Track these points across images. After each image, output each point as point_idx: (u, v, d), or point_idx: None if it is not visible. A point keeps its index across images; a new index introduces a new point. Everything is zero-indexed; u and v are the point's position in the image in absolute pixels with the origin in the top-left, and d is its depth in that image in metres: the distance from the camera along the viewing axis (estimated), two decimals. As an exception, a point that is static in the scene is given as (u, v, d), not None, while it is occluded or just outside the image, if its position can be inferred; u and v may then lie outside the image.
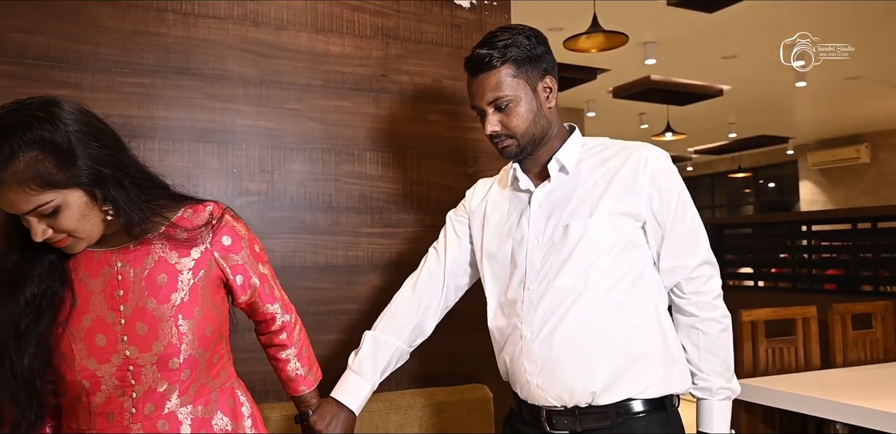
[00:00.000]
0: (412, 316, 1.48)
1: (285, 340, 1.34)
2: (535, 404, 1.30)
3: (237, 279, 1.23)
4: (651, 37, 5.66)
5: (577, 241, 1.27)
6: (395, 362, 1.47)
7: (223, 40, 1.87)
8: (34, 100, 1.06)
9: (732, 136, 10.85)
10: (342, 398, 1.40)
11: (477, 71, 1.31)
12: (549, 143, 1.35)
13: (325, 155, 1.97)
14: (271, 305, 1.30)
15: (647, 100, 7.87)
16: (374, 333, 1.47)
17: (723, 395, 1.32)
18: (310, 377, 1.37)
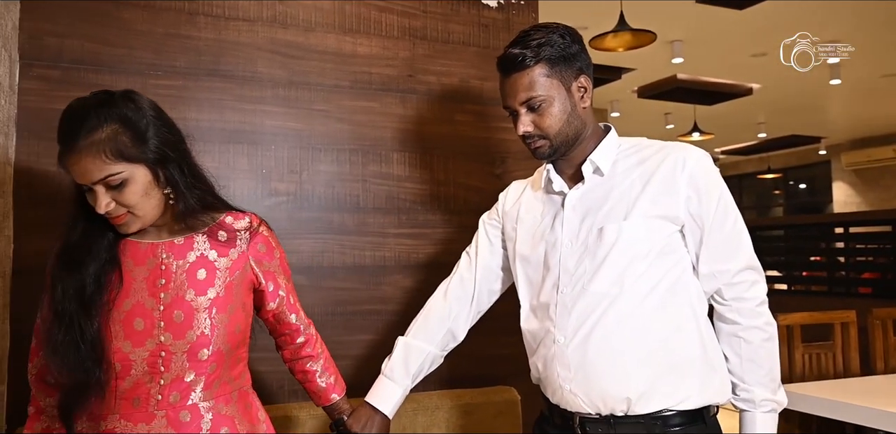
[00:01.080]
0: (444, 322, 1.47)
1: (312, 353, 1.39)
2: (568, 410, 1.28)
3: (269, 285, 1.30)
4: (678, 35, 5.59)
5: (612, 244, 1.24)
6: (427, 367, 1.47)
7: (253, 42, 1.88)
8: (116, 90, 1.17)
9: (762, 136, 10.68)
10: (375, 403, 1.41)
11: (509, 70, 1.29)
12: (583, 144, 1.33)
13: (353, 155, 1.98)
14: (296, 316, 1.36)
15: (674, 99, 7.78)
16: (407, 339, 1.48)
17: (767, 407, 1.26)
18: (338, 385, 1.41)
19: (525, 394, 2.00)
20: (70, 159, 1.08)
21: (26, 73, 1.67)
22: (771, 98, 7.94)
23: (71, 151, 1.07)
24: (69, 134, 1.07)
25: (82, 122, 1.07)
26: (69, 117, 1.09)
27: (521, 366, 2.07)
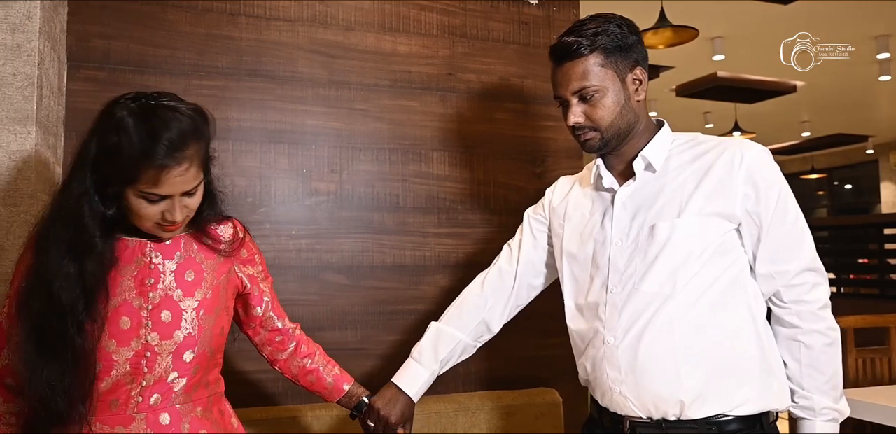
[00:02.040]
0: (478, 311, 1.45)
1: (308, 351, 1.38)
2: (618, 413, 1.24)
3: (254, 289, 1.30)
4: (719, 31, 5.48)
5: (664, 242, 1.20)
6: (458, 355, 1.46)
7: (293, 42, 1.89)
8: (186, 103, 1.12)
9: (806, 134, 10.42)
10: (400, 383, 1.41)
11: (563, 59, 1.25)
12: (635, 139, 1.28)
13: (393, 155, 1.97)
14: (283, 321, 1.36)
15: (714, 98, 7.63)
16: (438, 325, 1.47)
17: (828, 415, 1.21)
18: (344, 374, 1.40)
19: (567, 396, 1.97)
20: (172, 171, 1.03)
21: (74, 74, 1.70)
22: (815, 95, 7.74)
23: (172, 163, 1.03)
24: (167, 146, 1.02)
25: (187, 138, 1.04)
26: (161, 130, 1.02)
27: (564, 367, 2.05)
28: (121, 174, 1.03)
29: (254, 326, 1.34)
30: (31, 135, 1.38)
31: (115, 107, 1.06)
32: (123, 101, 1.07)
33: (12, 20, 1.38)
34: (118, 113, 1.03)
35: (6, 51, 1.37)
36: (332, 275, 1.88)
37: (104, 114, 1.06)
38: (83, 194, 1.04)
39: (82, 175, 1.04)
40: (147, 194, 1.04)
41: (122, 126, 1.02)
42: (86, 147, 1.05)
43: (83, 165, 1.04)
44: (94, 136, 1.05)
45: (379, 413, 1.36)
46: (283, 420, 1.70)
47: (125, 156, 1.01)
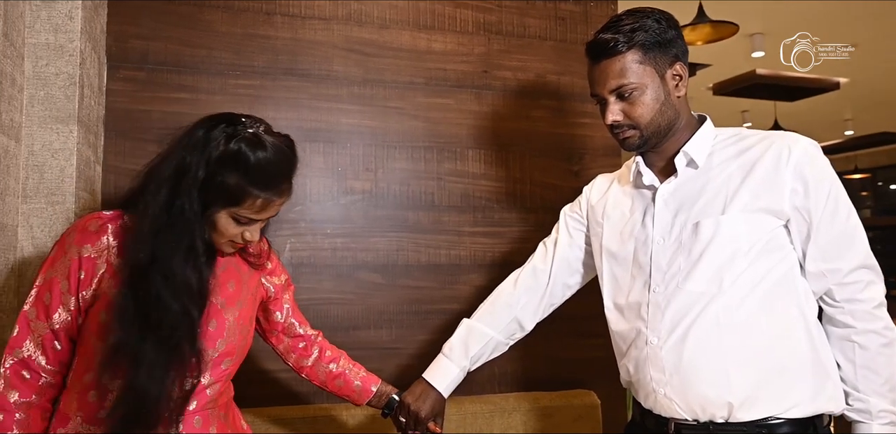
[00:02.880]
0: (510, 309, 1.44)
1: (333, 355, 1.40)
2: (662, 415, 1.21)
3: (281, 299, 1.33)
4: (758, 27, 5.36)
5: (709, 240, 1.16)
6: (489, 352, 1.45)
7: (328, 41, 1.89)
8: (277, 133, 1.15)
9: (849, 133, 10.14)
10: (430, 379, 1.41)
11: (600, 56, 1.22)
12: (676, 135, 1.25)
13: (428, 153, 1.95)
14: (307, 327, 1.38)
15: (752, 96, 7.46)
16: (470, 321, 1.46)
17: (885, 419, 1.16)
18: (371, 375, 1.42)
19: (605, 398, 1.93)
20: (277, 201, 1.10)
21: (113, 74, 1.72)
22: (859, 93, 7.52)
23: (282, 194, 1.11)
24: (284, 179, 1.10)
25: (292, 169, 1.12)
26: (283, 165, 1.10)
27: (602, 369, 2.01)
28: (228, 200, 1.07)
29: (276, 333, 1.35)
30: (73, 133, 1.40)
31: (222, 135, 1.07)
32: (229, 129, 1.08)
33: (55, 21, 1.40)
34: (232, 145, 1.05)
35: (49, 51, 1.39)
36: (366, 274, 1.87)
37: (206, 141, 1.07)
38: (195, 217, 1.07)
39: (190, 197, 1.05)
40: (241, 217, 1.09)
41: (242, 159, 1.05)
42: (188, 169, 1.05)
43: (190, 188, 1.05)
44: (198, 161, 1.06)
45: (409, 408, 1.36)
46: (317, 419, 1.69)
47: (241, 186, 1.06)
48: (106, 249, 1.07)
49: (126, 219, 1.11)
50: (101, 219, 1.09)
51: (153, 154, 1.70)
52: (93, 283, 1.07)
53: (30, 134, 1.37)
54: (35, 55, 1.38)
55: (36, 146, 1.38)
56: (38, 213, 1.37)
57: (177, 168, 1.06)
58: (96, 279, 1.07)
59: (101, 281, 1.07)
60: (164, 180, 1.06)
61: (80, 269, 1.06)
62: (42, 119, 1.38)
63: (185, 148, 1.07)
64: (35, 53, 1.38)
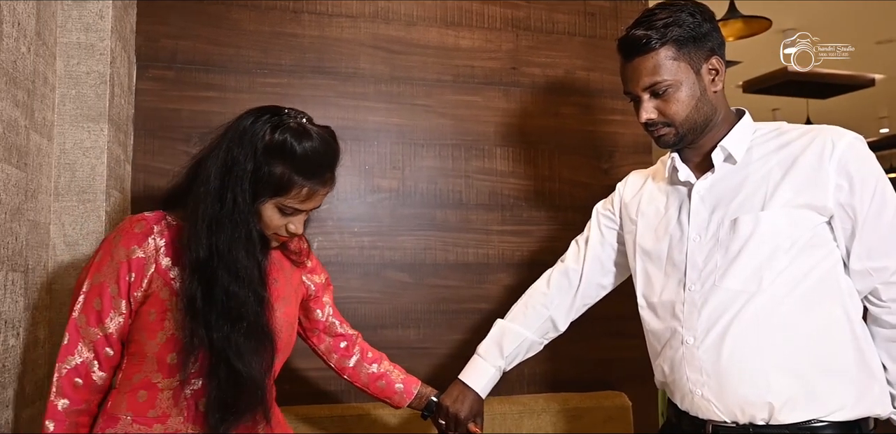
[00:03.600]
0: (543, 310, 1.42)
1: (374, 357, 1.39)
2: (699, 417, 1.18)
3: (322, 298, 1.33)
4: (791, 23, 5.25)
5: (748, 236, 1.13)
6: (524, 352, 1.44)
7: (355, 38, 1.88)
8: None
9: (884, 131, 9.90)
10: (467, 380, 1.40)
11: (632, 54, 1.18)
12: (713, 131, 1.21)
13: (455, 151, 1.93)
14: (347, 326, 1.38)
15: (783, 94, 7.31)
16: (503, 322, 1.45)
17: None
18: (411, 377, 1.41)
19: (636, 400, 1.90)
20: (321, 191, 1.11)
21: (142, 74, 1.73)
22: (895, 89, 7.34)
23: (327, 184, 1.12)
24: (329, 168, 1.11)
25: (336, 158, 1.13)
26: (328, 154, 1.11)
27: (633, 370, 1.97)
28: (276, 190, 1.08)
29: (318, 332, 1.35)
30: (103, 132, 1.40)
31: (266, 126, 1.07)
32: (274, 120, 1.09)
33: (86, 20, 1.40)
34: (277, 135, 1.06)
35: (80, 50, 1.40)
36: (394, 272, 1.86)
37: (251, 132, 1.07)
38: (248, 208, 1.07)
39: (242, 188, 1.06)
40: (287, 207, 1.10)
41: (288, 148, 1.06)
42: (236, 162, 1.06)
43: (240, 180, 1.06)
44: (245, 152, 1.06)
45: (448, 410, 1.36)
46: (347, 418, 1.68)
47: (287, 176, 1.07)
48: (154, 250, 1.08)
49: (170, 218, 1.11)
50: (145, 220, 1.10)
51: (182, 153, 1.74)
52: (143, 284, 1.07)
53: (61, 132, 1.38)
54: (67, 54, 1.39)
55: (67, 144, 1.38)
56: (69, 210, 1.38)
57: (224, 162, 1.07)
58: (146, 280, 1.07)
59: (150, 281, 1.07)
60: (213, 175, 1.07)
61: (130, 272, 1.06)
62: (73, 117, 1.39)
63: (231, 142, 1.08)
64: (67, 52, 1.39)
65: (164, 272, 1.08)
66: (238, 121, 1.10)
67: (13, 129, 1.13)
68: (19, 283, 1.18)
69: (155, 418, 1.08)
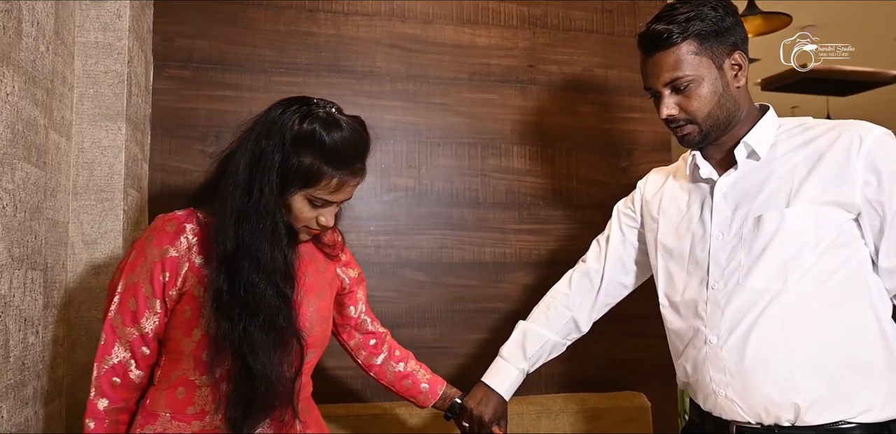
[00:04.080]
0: (565, 310, 1.41)
1: (402, 355, 1.38)
2: (723, 418, 1.16)
3: (355, 293, 1.32)
4: (810, 19, 5.18)
5: (772, 234, 1.10)
6: (547, 354, 1.43)
7: (371, 37, 1.87)
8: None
9: (905, 128, 9.77)
10: (490, 382, 1.39)
11: (652, 49, 1.16)
12: (736, 127, 1.18)
13: (472, 149, 1.92)
14: (378, 324, 1.38)
15: (803, 91, 7.21)
16: (526, 323, 1.44)
17: None
18: (437, 377, 1.40)
19: (656, 400, 1.88)
20: (351, 182, 1.09)
21: (159, 73, 1.73)
22: (918, 86, 7.22)
23: (357, 174, 1.10)
24: (358, 159, 1.09)
25: (366, 148, 1.11)
26: (358, 144, 1.09)
27: (652, 370, 1.95)
28: (305, 181, 1.06)
29: (349, 329, 1.34)
30: (121, 131, 1.41)
31: (294, 116, 1.06)
32: (303, 110, 1.07)
33: (103, 19, 1.41)
34: (306, 125, 1.05)
35: (98, 49, 1.40)
36: (410, 271, 1.85)
37: (280, 123, 1.06)
38: (275, 199, 1.06)
39: (269, 180, 1.05)
40: (316, 199, 1.08)
41: (318, 138, 1.04)
42: (264, 153, 1.05)
43: (268, 171, 1.04)
44: (273, 143, 1.05)
45: (472, 413, 1.35)
46: (364, 417, 1.68)
47: (317, 166, 1.05)
48: (187, 248, 1.07)
49: (200, 215, 1.11)
50: (176, 219, 1.09)
51: (198, 152, 1.74)
52: (177, 283, 1.07)
53: (80, 131, 1.39)
54: (85, 54, 1.40)
55: (86, 143, 1.39)
56: (87, 209, 1.39)
57: (252, 153, 1.06)
58: (180, 279, 1.07)
59: (184, 280, 1.07)
60: (242, 167, 1.06)
61: (164, 271, 1.06)
62: (91, 117, 1.40)
63: (259, 133, 1.06)
64: (85, 52, 1.39)
65: (198, 270, 1.07)
66: (266, 112, 1.09)
67: (33, 128, 1.13)
68: (38, 282, 1.19)
69: (193, 415, 1.08)
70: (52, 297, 1.27)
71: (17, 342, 1.09)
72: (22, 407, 1.12)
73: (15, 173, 1.06)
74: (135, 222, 1.54)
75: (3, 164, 1.01)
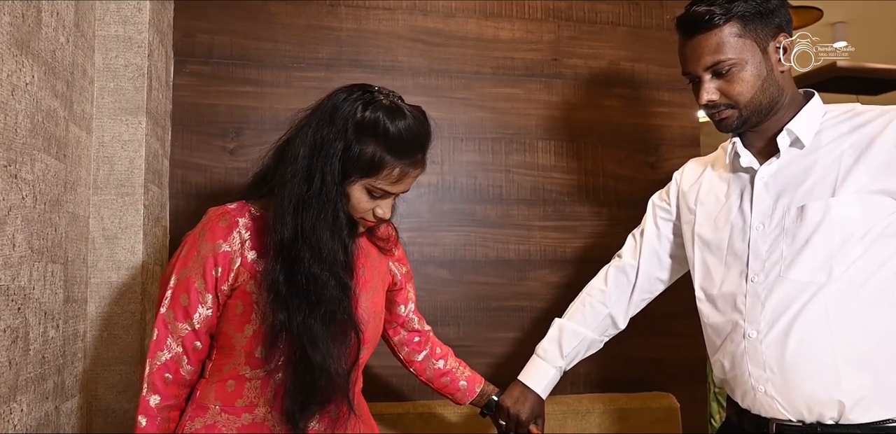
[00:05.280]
0: (601, 307, 1.38)
1: (442, 353, 1.37)
2: (762, 415, 1.11)
3: (407, 287, 1.29)
4: (840, 16, 5.08)
5: (817, 224, 1.06)
6: (584, 351, 1.40)
7: (393, 31, 1.85)
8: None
9: (937, 127, 9.54)
10: (527, 381, 1.37)
11: (693, 31, 1.11)
12: (779, 114, 1.14)
13: (496, 145, 1.89)
14: (423, 322, 1.36)
15: (832, 90, 7.04)
16: (562, 321, 1.41)
17: None
18: (475, 374, 1.38)
19: (685, 401, 1.82)
20: (413, 172, 1.07)
21: (180, 69, 1.72)
22: (951, 84, 7.04)
23: (418, 165, 1.08)
24: (420, 149, 1.07)
25: (428, 139, 1.09)
26: (421, 134, 1.07)
27: (681, 371, 1.90)
28: (366, 170, 1.03)
29: (395, 326, 1.33)
30: (141, 125, 1.39)
31: (357, 104, 1.03)
32: (366, 97, 1.05)
33: (124, 12, 1.40)
34: (369, 113, 1.02)
35: (118, 42, 1.39)
36: (433, 269, 1.82)
37: (342, 110, 1.03)
38: (336, 188, 1.03)
39: (332, 167, 1.01)
40: (376, 189, 1.05)
41: (382, 126, 1.01)
42: (325, 141, 1.02)
43: (330, 159, 1.01)
44: (335, 130, 1.02)
45: (509, 411, 1.33)
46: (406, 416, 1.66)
47: (379, 155, 1.02)
48: (240, 244, 1.05)
49: (253, 209, 1.08)
50: (229, 213, 1.07)
51: (219, 148, 1.73)
52: (229, 278, 1.05)
53: (100, 125, 1.38)
54: (105, 47, 1.39)
55: (106, 137, 1.38)
56: (108, 204, 1.37)
57: (313, 141, 1.02)
58: (233, 274, 1.05)
59: (237, 275, 1.05)
60: (302, 155, 1.03)
61: (216, 266, 1.04)
62: (112, 110, 1.38)
63: (321, 120, 1.03)
64: (105, 45, 1.38)
65: (251, 265, 1.05)
66: (327, 99, 1.06)
67: (52, 120, 1.12)
68: (59, 275, 1.17)
69: (243, 407, 1.06)
70: (73, 291, 1.26)
71: (38, 335, 1.08)
72: (42, 401, 1.10)
73: (35, 164, 1.05)
74: (155, 218, 1.53)
75: (23, 154, 1.00)
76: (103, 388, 1.36)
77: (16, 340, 0.99)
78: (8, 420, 0.97)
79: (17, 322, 0.99)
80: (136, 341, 1.39)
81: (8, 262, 0.96)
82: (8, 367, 0.97)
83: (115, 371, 1.37)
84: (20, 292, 1.01)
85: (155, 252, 1.52)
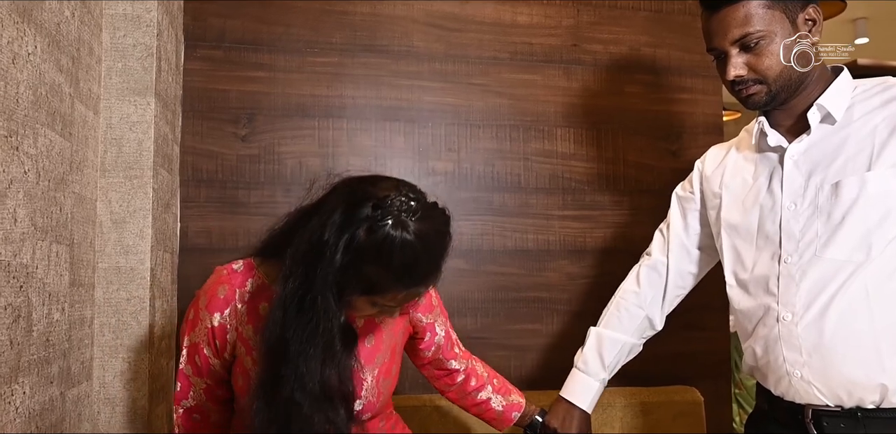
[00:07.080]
0: (637, 310, 1.32)
1: (477, 385, 1.29)
2: (796, 402, 1.06)
3: (426, 335, 1.22)
4: (862, 12, 4.98)
5: (853, 201, 1.00)
6: (625, 356, 1.35)
7: (408, 15, 1.80)
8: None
9: (959, 127, 9.38)
10: (571, 398, 1.31)
11: (719, 4, 1.06)
12: (807, 89, 1.08)
13: (514, 132, 1.84)
14: (454, 361, 1.27)
15: (853, 88, 6.98)
16: (598, 329, 1.35)
17: None
18: (514, 399, 1.31)
19: (709, 395, 1.76)
20: (423, 290, 0.98)
21: (190, 53, 1.69)
22: (974, 82, 6.91)
23: (429, 284, 0.97)
24: (433, 272, 0.95)
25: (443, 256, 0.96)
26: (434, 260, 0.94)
27: (705, 365, 1.84)
28: (368, 290, 0.93)
29: (423, 364, 1.29)
30: (150, 106, 1.36)
31: (365, 222, 0.89)
32: (374, 216, 0.89)
33: (133, -9, 1.36)
34: (374, 236, 0.88)
35: (126, 21, 1.36)
36: (450, 259, 1.72)
37: (350, 222, 0.89)
38: (332, 311, 0.92)
39: (326, 286, 0.90)
40: (380, 304, 0.97)
41: (385, 253, 0.89)
42: (326, 248, 0.89)
43: (326, 275, 0.89)
44: (336, 241, 0.89)
45: (556, 432, 1.28)
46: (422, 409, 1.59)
47: (383, 280, 0.91)
48: (235, 319, 1.03)
49: (259, 275, 1.03)
50: (230, 283, 1.03)
51: (230, 134, 1.69)
52: (227, 348, 1.05)
53: (108, 106, 1.34)
54: (112, 26, 1.35)
55: (114, 119, 1.34)
56: (116, 187, 1.34)
57: (315, 244, 0.90)
58: (229, 345, 1.05)
59: (234, 347, 1.05)
60: (301, 255, 0.92)
61: (215, 339, 1.04)
62: (120, 91, 1.35)
63: (327, 220, 0.91)
64: (112, 24, 1.35)
65: (245, 341, 1.03)
66: (337, 197, 0.94)
67: (56, 95, 1.08)
68: (64, 257, 1.13)
69: None
70: (79, 275, 1.22)
71: (41, 316, 1.04)
72: (46, 385, 1.06)
73: (38, 138, 1.01)
74: (165, 204, 1.49)
75: (25, 126, 0.96)
76: (111, 375, 1.32)
77: (17, 319, 0.95)
78: (10, 401, 0.93)
79: (18, 300, 0.96)
80: (145, 328, 1.35)
81: (9, 237, 0.92)
82: (9, 346, 0.93)
83: (123, 359, 1.33)
84: (22, 270, 0.97)
85: (165, 238, 1.48)
